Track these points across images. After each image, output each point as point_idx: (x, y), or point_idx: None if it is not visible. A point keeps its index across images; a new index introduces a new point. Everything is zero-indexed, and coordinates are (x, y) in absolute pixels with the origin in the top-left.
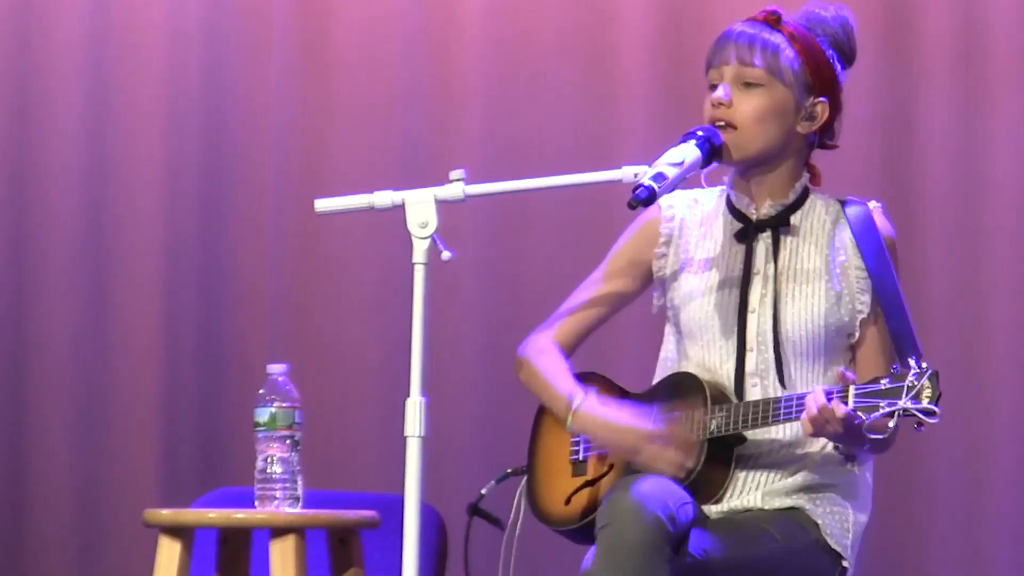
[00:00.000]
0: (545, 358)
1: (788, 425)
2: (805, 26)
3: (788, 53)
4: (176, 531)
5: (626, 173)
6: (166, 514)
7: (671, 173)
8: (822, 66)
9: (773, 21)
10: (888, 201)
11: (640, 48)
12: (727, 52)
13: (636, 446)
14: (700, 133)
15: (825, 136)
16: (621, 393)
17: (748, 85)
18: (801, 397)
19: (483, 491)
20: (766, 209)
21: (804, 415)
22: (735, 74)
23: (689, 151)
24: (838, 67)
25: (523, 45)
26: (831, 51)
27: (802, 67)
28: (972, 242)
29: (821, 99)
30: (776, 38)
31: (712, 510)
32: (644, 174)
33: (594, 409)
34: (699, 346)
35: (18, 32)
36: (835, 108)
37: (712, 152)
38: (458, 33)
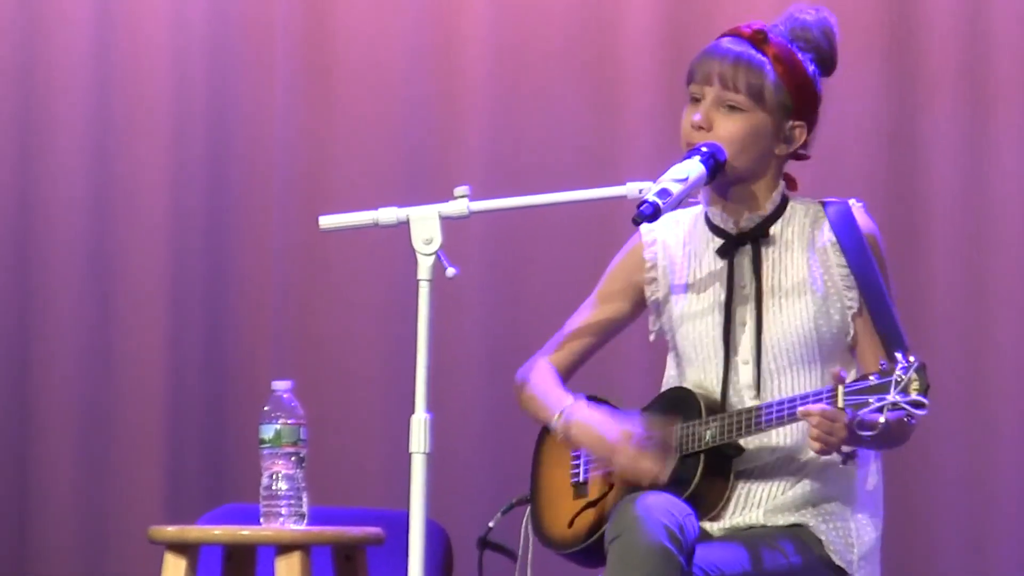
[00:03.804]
0: (539, 378)
1: (787, 433)
2: (788, 38)
3: (771, 77)
4: (181, 548)
5: (631, 189)
6: (171, 531)
7: (676, 189)
8: (804, 89)
9: (759, 41)
10: (893, 214)
11: (645, 63)
12: (711, 71)
13: (614, 446)
14: (704, 149)
15: (799, 149)
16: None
17: (730, 108)
18: (792, 400)
19: (491, 524)
20: (744, 222)
21: (814, 437)
22: (717, 95)
23: (694, 167)
24: (818, 83)
25: (527, 60)
26: (814, 67)
27: (784, 91)
28: (977, 254)
29: (800, 123)
30: (760, 59)
31: (714, 527)
32: (649, 190)
33: (579, 413)
34: (695, 367)
35: (23, 49)
36: (812, 127)
37: (716, 168)
38: (462, 48)
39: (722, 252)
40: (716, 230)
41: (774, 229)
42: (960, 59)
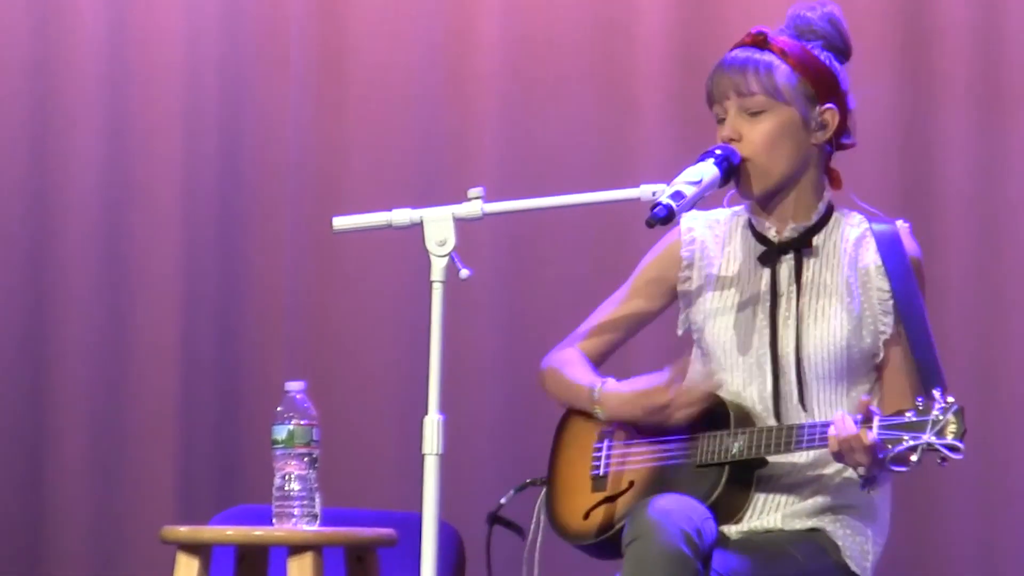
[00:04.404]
0: (568, 364)
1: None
2: (794, 35)
3: (783, 70)
4: (194, 548)
5: (644, 191)
6: (184, 531)
7: (689, 192)
8: (820, 73)
9: (761, 42)
10: (905, 215)
11: (659, 64)
12: (723, 86)
13: (660, 400)
14: (718, 152)
15: (840, 137)
16: None
17: (753, 114)
18: (825, 425)
19: (502, 500)
20: (788, 232)
21: (832, 433)
22: (736, 106)
23: (707, 170)
24: (836, 67)
25: (541, 61)
26: (826, 52)
27: (800, 80)
28: (990, 254)
29: (828, 106)
30: (767, 58)
31: (732, 531)
32: (662, 192)
33: (615, 388)
34: (723, 369)
35: (37, 49)
36: (843, 109)
37: (730, 171)
38: (476, 49)
39: (764, 260)
40: (759, 236)
41: (817, 240)
42: (973, 59)
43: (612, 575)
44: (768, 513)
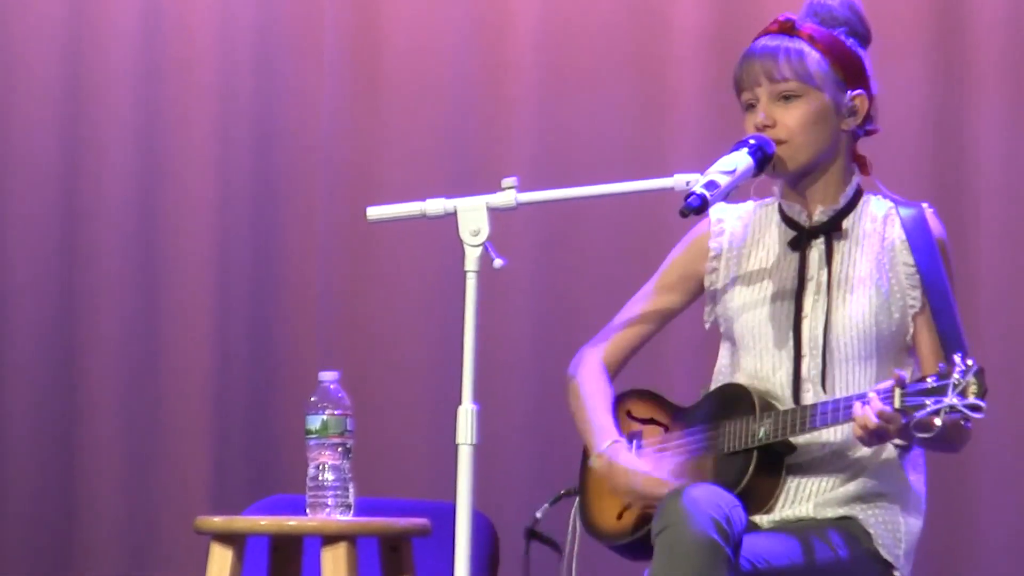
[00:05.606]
0: (591, 386)
1: (838, 429)
2: (816, 23)
3: (813, 56)
4: (228, 538)
5: (678, 181)
6: (218, 521)
7: (723, 181)
8: (848, 59)
9: (789, 28)
10: (938, 205)
11: (693, 55)
12: (754, 72)
13: (647, 492)
14: (752, 141)
15: (866, 123)
16: (669, 408)
17: (785, 98)
18: (848, 400)
19: (538, 514)
20: (818, 215)
21: (857, 412)
22: (768, 92)
23: (741, 159)
24: (861, 52)
25: (575, 52)
26: (851, 39)
27: (830, 66)
28: (1022, 246)
29: (858, 92)
30: (797, 44)
31: (764, 520)
32: (696, 182)
33: (617, 455)
34: (752, 355)
35: (70, 39)
36: (869, 94)
37: (764, 160)
38: (510, 40)
39: (794, 244)
40: (789, 222)
41: (846, 222)
42: (1006, 48)
43: (643, 573)
44: (800, 502)
